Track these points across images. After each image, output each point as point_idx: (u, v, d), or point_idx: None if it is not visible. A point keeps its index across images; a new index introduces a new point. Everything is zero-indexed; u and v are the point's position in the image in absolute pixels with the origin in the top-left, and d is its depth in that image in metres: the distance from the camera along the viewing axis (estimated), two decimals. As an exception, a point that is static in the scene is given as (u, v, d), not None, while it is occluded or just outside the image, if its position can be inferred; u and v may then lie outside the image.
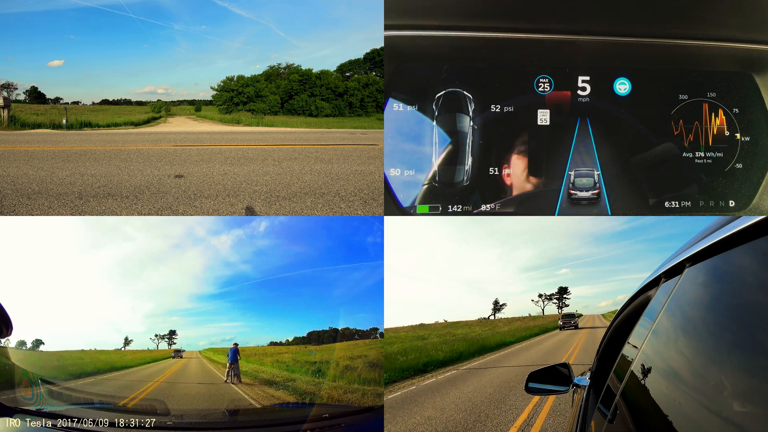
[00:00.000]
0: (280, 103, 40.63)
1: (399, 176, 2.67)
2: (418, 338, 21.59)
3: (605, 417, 1.42)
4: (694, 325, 1.05)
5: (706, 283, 1.06)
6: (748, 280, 0.89)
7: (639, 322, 1.46)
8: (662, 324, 1.19)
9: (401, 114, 2.66)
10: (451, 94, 2.64)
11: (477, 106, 2.65)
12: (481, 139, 2.65)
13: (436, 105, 2.65)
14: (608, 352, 2.26)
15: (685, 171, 2.72)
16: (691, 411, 0.87)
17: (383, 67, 2.69)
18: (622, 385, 1.30)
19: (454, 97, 2.64)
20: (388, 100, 2.64)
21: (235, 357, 6.18)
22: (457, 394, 9.46)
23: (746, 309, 0.84)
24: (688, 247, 1.19)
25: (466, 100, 2.65)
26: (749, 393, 0.73)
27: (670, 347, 1.12)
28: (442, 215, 2.66)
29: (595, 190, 2.65)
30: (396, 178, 2.66)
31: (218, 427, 3.97)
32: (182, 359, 7.22)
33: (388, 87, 2.64)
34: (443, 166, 2.66)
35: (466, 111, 2.65)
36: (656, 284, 1.43)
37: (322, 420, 3.75)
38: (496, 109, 2.65)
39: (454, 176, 2.65)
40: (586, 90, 2.67)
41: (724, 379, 0.81)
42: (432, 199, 2.67)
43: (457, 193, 2.66)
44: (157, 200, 8.74)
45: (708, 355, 0.90)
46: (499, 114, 2.65)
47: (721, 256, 0.99)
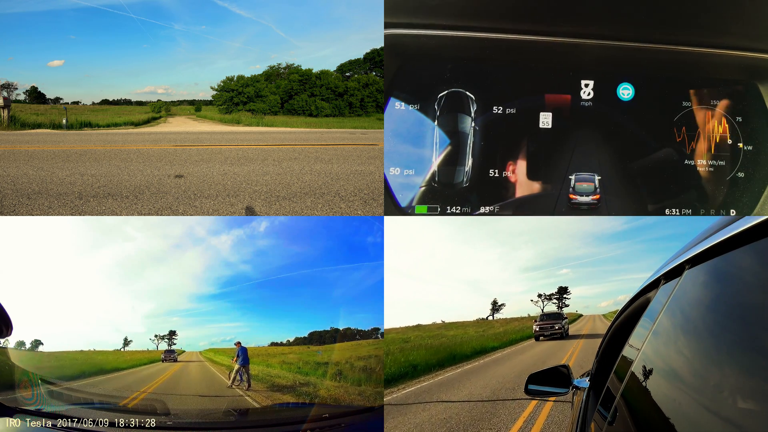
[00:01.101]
0: (280, 103, 40.63)
1: (398, 176, 2.67)
2: (401, 341, 18.59)
3: (605, 419, 1.42)
4: (694, 327, 1.05)
5: (706, 284, 1.06)
6: (749, 281, 0.89)
7: (639, 323, 1.46)
8: (662, 325, 1.19)
9: (403, 113, 2.66)
10: (453, 94, 2.64)
11: (479, 107, 2.65)
12: (482, 140, 2.65)
13: (438, 105, 2.65)
14: (608, 353, 2.26)
15: (687, 178, 2.71)
16: (691, 412, 0.87)
17: (383, 67, 2.68)
18: (622, 387, 1.30)
19: (457, 97, 2.64)
20: (390, 99, 2.64)
21: (246, 358, 5.72)
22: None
23: (746, 310, 0.84)
24: (687, 248, 1.19)
25: (468, 100, 2.65)
26: (750, 394, 0.73)
27: (671, 348, 1.12)
28: (441, 215, 2.66)
29: (596, 195, 2.64)
30: (395, 178, 2.66)
31: (218, 427, 3.97)
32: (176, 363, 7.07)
33: (390, 86, 2.64)
34: (443, 166, 2.66)
35: (468, 111, 2.65)
36: (656, 286, 1.43)
37: (322, 420, 3.75)
38: (498, 110, 2.65)
39: (453, 177, 2.65)
40: (590, 94, 2.67)
41: (725, 380, 0.81)
42: (431, 200, 2.67)
43: (457, 194, 2.66)
44: (157, 200, 8.74)
45: (708, 357, 0.90)
46: (501, 115, 2.65)
47: (721, 258, 0.99)
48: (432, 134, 2.66)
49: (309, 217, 7.79)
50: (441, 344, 17.06)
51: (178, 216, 7.83)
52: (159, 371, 6.90)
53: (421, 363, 12.74)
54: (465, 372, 12.66)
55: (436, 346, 15.99)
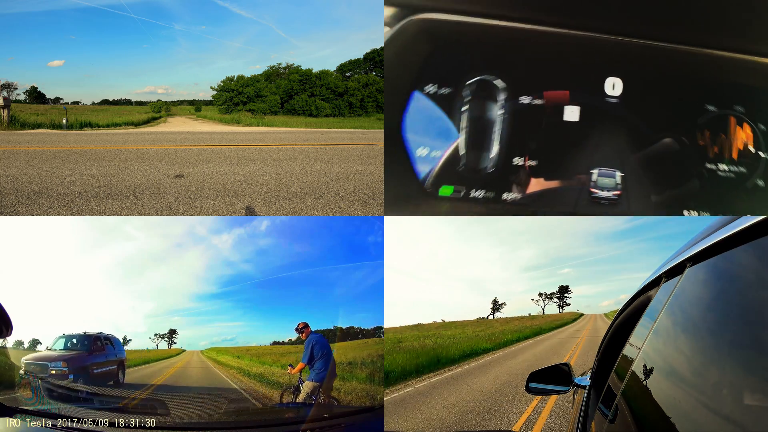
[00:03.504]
0: (280, 103, 40.63)
1: (424, 157, 2.69)
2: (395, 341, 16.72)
3: (606, 417, 1.42)
4: (695, 325, 1.05)
5: (707, 282, 1.06)
6: (749, 279, 0.89)
7: (640, 321, 1.46)
8: (663, 324, 1.19)
9: (432, 96, 2.69)
10: (482, 82, 2.68)
11: (507, 96, 2.68)
12: (509, 128, 2.68)
13: (467, 91, 2.69)
14: (609, 352, 2.26)
15: (707, 182, 2.70)
16: (691, 410, 0.87)
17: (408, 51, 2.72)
18: (622, 385, 1.30)
19: (486, 85, 2.68)
20: (418, 84, 2.66)
21: (326, 348, 3.91)
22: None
23: (747, 308, 0.84)
24: (688, 247, 1.19)
25: (496, 88, 2.68)
26: (750, 391, 0.73)
27: (671, 347, 1.12)
28: (464, 200, 2.69)
29: (617, 191, 2.65)
30: (421, 159, 2.69)
31: (218, 427, 3.96)
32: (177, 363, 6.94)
33: (423, 69, 2.66)
34: (470, 151, 2.69)
35: (496, 99, 2.68)
36: (657, 284, 1.43)
37: (322, 420, 3.74)
38: (526, 101, 2.67)
39: (479, 162, 2.69)
40: (616, 91, 2.68)
41: (725, 378, 0.81)
42: (457, 181, 2.69)
43: (482, 178, 2.69)
44: (157, 200, 8.74)
45: (709, 355, 0.90)
46: (528, 106, 2.68)
47: (721, 256, 0.99)
48: (460, 119, 2.70)
49: (310, 216, 7.80)
50: (427, 347, 15.24)
51: (179, 216, 7.83)
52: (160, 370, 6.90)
53: (397, 370, 11.07)
54: (440, 382, 10.52)
55: (419, 349, 14.12)
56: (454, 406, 7.69)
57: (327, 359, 3.93)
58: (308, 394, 3.89)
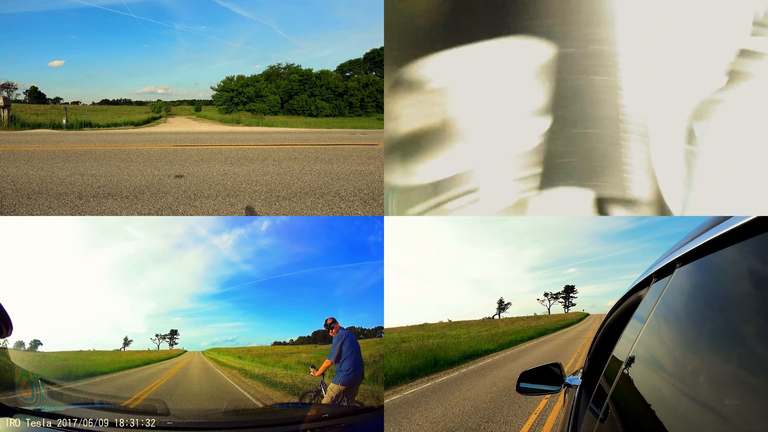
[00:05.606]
0: (280, 103, 40.66)
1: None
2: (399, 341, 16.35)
3: (597, 416, 1.43)
4: (684, 325, 1.06)
5: (697, 282, 1.07)
6: (739, 279, 0.90)
7: (630, 321, 1.47)
8: (653, 323, 1.20)
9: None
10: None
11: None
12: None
13: None
14: (600, 351, 2.27)
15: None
16: (681, 409, 0.88)
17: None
18: (613, 384, 1.31)
19: None
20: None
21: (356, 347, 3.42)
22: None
23: (736, 308, 0.85)
24: (678, 247, 1.20)
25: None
26: (739, 390, 0.74)
27: (661, 346, 1.13)
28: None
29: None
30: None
31: (218, 427, 3.96)
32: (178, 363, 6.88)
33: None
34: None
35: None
36: (647, 284, 1.44)
37: (322, 420, 3.74)
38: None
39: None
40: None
41: (715, 377, 0.82)
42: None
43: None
44: (157, 200, 8.76)
45: (698, 354, 0.91)
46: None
47: (711, 256, 1.00)
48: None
49: (310, 216, 7.81)
50: (426, 347, 14.46)
51: (179, 216, 7.84)
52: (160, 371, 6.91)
53: (390, 373, 10.46)
54: (432, 388, 9.74)
55: (416, 351, 13.40)
56: (438, 420, 6.86)
57: (356, 359, 3.58)
58: (332, 399, 3.50)
